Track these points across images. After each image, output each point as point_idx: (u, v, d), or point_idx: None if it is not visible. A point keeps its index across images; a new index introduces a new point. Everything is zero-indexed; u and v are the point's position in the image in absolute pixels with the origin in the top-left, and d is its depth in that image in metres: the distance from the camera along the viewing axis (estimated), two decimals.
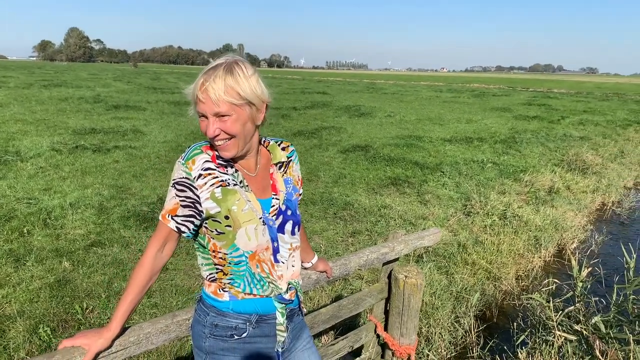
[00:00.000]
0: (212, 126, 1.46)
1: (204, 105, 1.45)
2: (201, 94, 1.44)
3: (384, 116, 18.10)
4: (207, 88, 1.43)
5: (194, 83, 1.48)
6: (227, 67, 1.45)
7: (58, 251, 4.92)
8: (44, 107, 16.80)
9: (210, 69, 1.46)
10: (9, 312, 3.78)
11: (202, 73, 1.47)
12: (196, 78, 1.49)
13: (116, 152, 9.73)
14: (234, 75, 1.44)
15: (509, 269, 5.61)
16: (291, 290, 1.70)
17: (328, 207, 6.77)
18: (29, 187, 6.96)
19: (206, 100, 1.44)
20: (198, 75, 1.48)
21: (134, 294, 1.56)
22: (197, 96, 1.45)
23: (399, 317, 2.66)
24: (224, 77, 1.43)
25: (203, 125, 1.49)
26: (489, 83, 61.12)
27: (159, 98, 22.55)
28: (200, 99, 1.45)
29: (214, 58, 1.58)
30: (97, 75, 47.68)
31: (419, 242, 2.68)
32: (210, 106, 1.44)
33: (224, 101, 1.43)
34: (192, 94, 1.49)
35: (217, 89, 1.42)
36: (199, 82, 1.45)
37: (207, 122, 1.48)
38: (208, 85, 1.43)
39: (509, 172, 9.32)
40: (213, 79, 1.43)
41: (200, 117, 1.50)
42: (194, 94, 1.47)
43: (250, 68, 1.49)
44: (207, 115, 1.46)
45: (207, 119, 1.47)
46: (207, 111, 1.45)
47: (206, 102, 1.44)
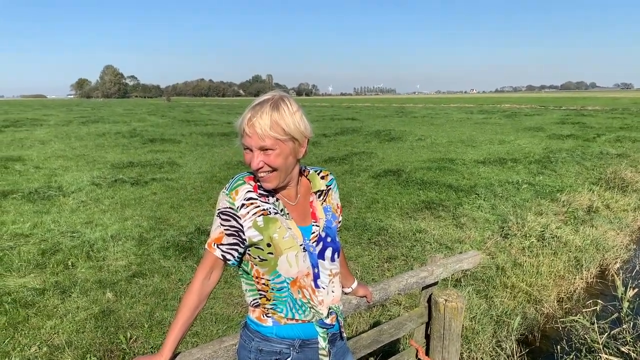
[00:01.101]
0: (256, 159, 1.53)
1: (250, 139, 1.52)
2: (248, 128, 1.51)
3: (415, 140, 18.08)
4: (254, 123, 1.50)
5: (242, 117, 1.55)
6: (273, 103, 1.52)
7: (101, 282, 5.05)
8: (83, 143, 17.40)
9: (257, 104, 1.53)
10: (58, 343, 3.89)
11: (249, 108, 1.54)
12: (240, 111, 1.57)
13: (154, 184, 9.98)
14: (280, 111, 1.51)
15: (550, 291, 5.50)
16: (332, 315, 1.74)
17: (362, 232, 6.78)
18: (72, 221, 7.19)
19: (252, 134, 1.51)
20: (245, 109, 1.56)
21: (183, 321, 1.62)
22: (244, 130, 1.53)
23: (440, 342, 2.65)
24: (270, 113, 1.50)
25: (247, 157, 1.56)
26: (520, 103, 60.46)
27: (193, 130, 23.08)
28: (247, 132, 1.52)
29: (244, 90, 1.66)
30: (132, 110, 49.14)
31: (458, 265, 2.68)
32: (256, 140, 1.51)
33: (269, 136, 1.50)
34: (239, 127, 1.56)
35: (263, 124, 1.49)
36: (247, 116, 1.52)
37: (251, 154, 1.55)
38: (255, 120, 1.50)
39: (545, 193, 9.17)
40: (260, 114, 1.50)
41: (245, 149, 1.57)
42: (241, 127, 1.54)
43: (295, 104, 1.56)
44: (252, 149, 1.53)
45: (251, 151, 1.54)
46: (253, 145, 1.52)
47: (252, 137, 1.51)
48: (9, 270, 5.32)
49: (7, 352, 3.73)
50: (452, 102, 77.63)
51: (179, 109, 55.15)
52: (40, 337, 3.98)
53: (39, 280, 5.08)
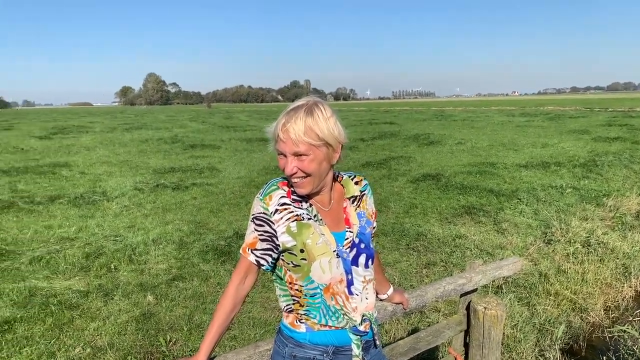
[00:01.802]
0: (290, 165, 1.53)
1: (284, 144, 1.52)
2: (282, 133, 1.51)
3: (455, 143, 17.81)
4: (288, 129, 1.50)
5: (276, 122, 1.55)
6: (307, 109, 1.52)
7: (142, 285, 5.17)
8: (127, 149, 17.89)
9: (292, 110, 1.53)
10: (100, 344, 4.00)
11: (284, 113, 1.54)
12: (277, 117, 1.57)
13: (194, 189, 10.16)
14: (314, 117, 1.51)
15: (596, 299, 5.30)
16: (365, 322, 1.71)
17: (400, 238, 6.71)
18: (115, 225, 7.39)
19: (287, 140, 1.51)
20: (280, 115, 1.56)
21: (219, 325, 1.63)
22: (278, 135, 1.53)
23: (479, 350, 2.59)
24: (305, 118, 1.50)
25: (282, 163, 1.56)
26: (564, 105, 58.84)
27: (232, 136, 23.42)
28: (281, 138, 1.52)
29: (282, 95, 1.66)
30: (174, 117, 50.27)
31: (498, 272, 2.61)
32: (290, 146, 1.51)
33: (303, 142, 1.50)
34: (273, 133, 1.56)
35: (297, 130, 1.49)
36: (281, 122, 1.53)
37: (285, 160, 1.55)
38: (289, 126, 1.50)
39: (591, 197, 8.87)
40: (294, 120, 1.50)
41: (279, 155, 1.57)
42: (275, 132, 1.54)
43: (329, 110, 1.55)
44: (286, 154, 1.54)
45: (285, 157, 1.55)
46: (287, 150, 1.53)
47: (286, 142, 1.51)
48: (55, 272, 5.50)
49: (53, 352, 3.86)
50: (492, 104, 76.23)
51: (218, 115, 56.08)
52: (84, 338, 4.09)
53: (83, 282, 5.24)
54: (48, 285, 5.15)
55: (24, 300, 4.79)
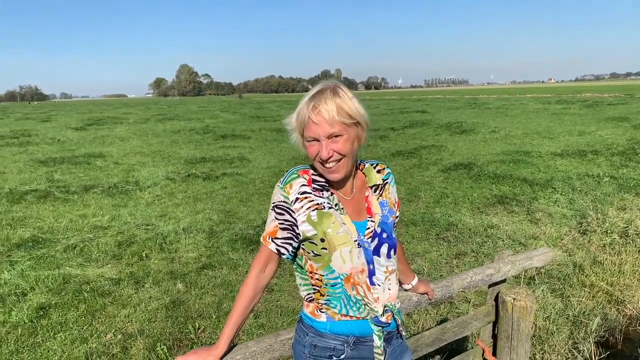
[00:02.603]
0: (326, 148, 1.48)
1: (318, 127, 1.47)
2: (315, 116, 1.46)
3: (488, 132, 17.48)
4: (320, 110, 1.45)
5: (301, 109, 1.50)
6: (332, 90, 1.48)
7: (173, 273, 5.24)
8: (159, 140, 18.17)
9: (316, 94, 1.49)
10: (131, 331, 4.07)
11: (307, 99, 1.50)
12: (297, 106, 1.52)
13: (224, 179, 10.25)
14: (341, 96, 1.47)
15: (634, 291, 5.13)
16: (387, 313, 1.68)
17: (430, 227, 6.63)
18: (147, 214, 7.51)
19: (321, 122, 1.46)
20: (300, 103, 1.51)
21: (239, 313, 1.62)
22: (310, 119, 1.47)
23: (508, 342, 2.52)
24: (333, 99, 1.46)
25: (313, 150, 1.51)
26: (602, 92, 57.10)
27: (262, 126, 23.54)
28: (313, 121, 1.47)
29: (313, 85, 1.61)
30: (206, 107, 50.81)
31: (528, 263, 2.53)
32: (325, 128, 1.46)
33: (337, 122, 1.46)
34: (299, 120, 1.51)
35: (330, 110, 1.45)
36: (310, 105, 1.47)
37: (317, 145, 1.50)
38: (321, 107, 1.45)
39: (630, 186, 8.58)
40: (324, 101, 1.45)
41: (310, 142, 1.51)
42: (304, 119, 1.49)
43: (349, 91, 1.52)
44: (320, 138, 1.48)
45: (317, 142, 1.49)
46: (321, 133, 1.47)
47: (320, 124, 1.46)
48: (88, 260, 5.63)
49: (85, 338, 3.95)
50: (528, 92, 74.50)
51: (249, 105, 56.45)
52: (115, 325, 4.17)
53: (115, 270, 5.34)
54: (81, 272, 5.27)
55: (59, 287, 4.91)
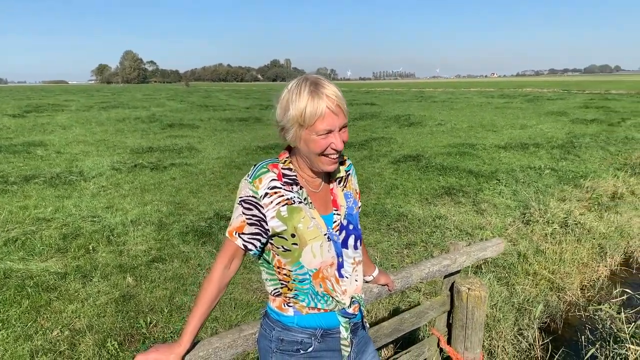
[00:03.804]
0: (339, 139, 1.47)
1: (336, 118, 1.44)
2: (335, 107, 1.42)
3: (435, 125, 17.88)
4: (338, 102, 1.43)
5: (307, 102, 1.42)
6: (326, 78, 1.47)
7: (122, 267, 5.09)
8: (104, 128, 17.56)
9: (319, 85, 1.43)
10: (79, 326, 3.93)
11: (312, 90, 1.42)
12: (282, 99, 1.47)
13: (173, 169, 10.03)
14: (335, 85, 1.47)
15: (573, 278, 5.39)
16: (354, 305, 1.69)
17: (381, 218, 6.73)
18: (93, 206, 7.26)
19: (339, 113, 1.44)
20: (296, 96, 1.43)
21: (203, 310, 1.59)
22: (329, 109, 1.42)
23: (462, 331, 2.61)
24: (336, 88, 1.45)
25: (324, 142, 1.46)
26: (542, 87, 59.43)
27: (211, 116, 23.15)
28: (333, 112, 1.42)
29: (262, 74, 1.58)
30: (152, 95, 49.46)
31: (482, 254, 2.62)
32: (342, 118, 1.45)
33: (346, 111, 1.47)
34: (309, 113, 1.42)
35: (343, 100, 1.45)
36: (323, 95, 1.42)
37: (329, 137, 1.46)
38: (336, 98, 1.43)
39: (569, 178, 9.00)
40: (334, 91, 1.43)
41: (321, 135, 1.45)
42: (318, 111, 1.42)
43: None
44: (335, 129, 1.45)
45: (329, 134, 1.45)
46: (337, 124, 1.45)
47: (339, 115, 1.44)
48: (31, 254, 5.39)
49: (30, 335, 3.78)
50: (472, 86, 76.60)
51: (197, 94, 55.34)
52: (62, 321, 4.02)
53: (61, 264, 5.14)
54: (24, 267, 5.04)
55: None
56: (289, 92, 1.46)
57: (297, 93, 1.43)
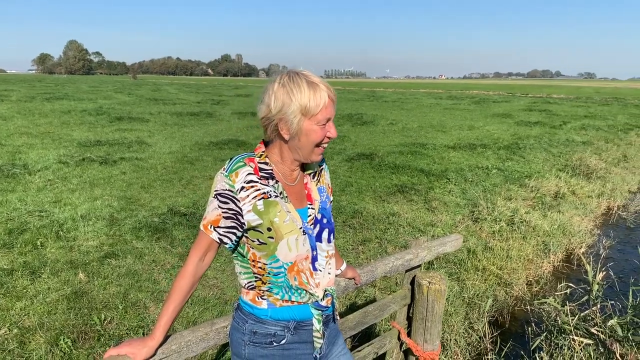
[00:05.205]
0: (334, 127, 1.57)
1: (333, 107, 1.54)
2: (333, 96, 1.53)
3: (387, 124, 18.17)
4: (333, 92, 1.53)
5: (315, 92, 1.48)
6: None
7: (72, 263, 4.94)
8: (48, 120, 16.87)
9: (311, 77, 1.51)
10: (29, 324, 3.80)
11: (309, 82, 1.49)
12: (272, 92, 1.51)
13: (123, 163, 9.77)
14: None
15: (519, 274, 5.64)
16: (327, 297, 1.73)
17: (337, 215, 6.80)
18: (39, 200, 6.99)
19: (335, 102, 1.54)
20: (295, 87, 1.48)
21: (177, 303, 1.58)
22: (331, 99, 1.52)
23: (422, 323, 2.69)
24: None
25: (320, 134, 1.53)
26: (488, 89, 61.35)
27: (161, 109, 22.65)
28: (333, 100, 1.53)
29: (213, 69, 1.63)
30: (98, 87, 47.85)
31: (442, 249, 2.72)
32: (334, 108, 1.55)
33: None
34: (314, 103, 1.48)
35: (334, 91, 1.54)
36: (322, 86, 1.50)
37: (326, 127, 1.55)
38: (332, 93, 1.52)
39: (514, 178, 9.36)
40: (326, 83, 1.51)
41: (320, 125, 1.53)
42: (321, 100, 1.49)
43: None
44: (332, 118, 1.55)
45: (327, 123, 1.54)
46: (333, 114, 1.55)
47: (334, 104, 1.55)
48: None
49: None
50: (421, 87, 78.20)
51: (145, 87, 53.96)
52: (10, 318, 3.87)
53: (7, 260, 4.94)
54: None
55: None
56: (282, 86, 1.49)
57: (296, 85, 1.47)
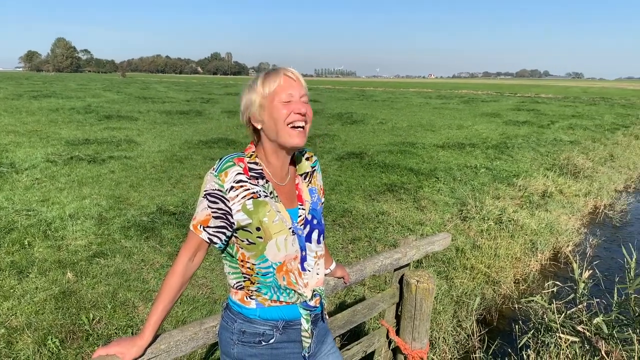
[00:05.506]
0: (301, 106, 1.57)
1: (293, 85, 1.57)
2: (291, 73, 1.57)
3: (376, 123, 18.21)
4: (293, 72, 1.57)
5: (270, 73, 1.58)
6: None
7: (60, 262, 4.91)
8: (35, 118, 16.71)
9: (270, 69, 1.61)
10: (16, 324, 3.78)
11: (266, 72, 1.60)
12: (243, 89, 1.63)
13: (111, 162, 9.72)
14: None
15: (507, 272, 5.69)
16: (316, 297, 1.74)
17: (327, 214, 6.81)
18: (27, 199, 6.94)
19: (297, 81, 1.57)
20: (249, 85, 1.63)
21: (166, 303, 1.59)
22: (286, 76, 1.57)
23: (411, 322, 2.72)
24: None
25: (288, 109, 1.56)
26: (477, 89, 61.67)
27: (150, 108, 22.51)
28: (290, 77, 1.57)
29: (202, 67, 1.70)
30: (86, 85, 47.44)
31: (430, 247, 2.74)
32: (300, 87, 1.58)
33: (304, 87, 1.60)
34: (268, 85, 1.56)
35: (299, 74, 1.58)
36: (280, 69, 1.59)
37: (291, 104, 1.56)
38: (291, 70, 1.58)
39: (503, 177, 9.43)
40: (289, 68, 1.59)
41: (282, 102, 1.56)
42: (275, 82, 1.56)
43: None
44: (294, 97, 1.56)
45: (291, 102, 1.56)
46: (296, 92, 1.57)
47: (297, 82, 1.58)
48: None
49: None
50: (410, 86, 78.40)
51: (134, 85, 53.58)
52: None
53: None
54: None
55: None
56: (246, 88, 1.63)
57: (254, 81, 1.61)
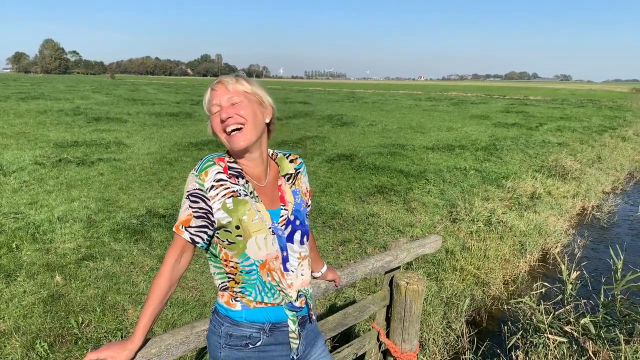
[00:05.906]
0: (225, 110, 1.58)
1: (218, 94, 1.60)
2: (215, 84, 1.61)
3: (366, 125, 18.25)
4: (220, 80, 1.61)
5: (204, 98, 1.67)
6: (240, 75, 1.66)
7: (49, 266, 4.88)
8: (23, 120, 16.57)
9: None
10: (4, 328, 3.74)
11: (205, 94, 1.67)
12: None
13: (100, 164, 9.66)
14: (240, 76, 1.64)
15: (496, 274, 5.73)
16: (301, 298, 1.75)
17: (317, 216, 6.82)
18: (14, 202, 6.88)
19: (220, 88, 1.60)
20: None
21: (155, 305, 1.60)
22: (211, 89, 1.63)
23: (400, 324, 2.73)
24: (234, 76, 1.64)
25: (218, 118, 1.60)
26: (466, 91, 61.96)
27: (140, 110, 22.41)
28: (214, 89, 1.61)
29: (192, 68, 1.75)
30: (75, 87, 47.13)
31: (421, 250, 2.75)
32: (225, 94, 1.59)
33: (236, 90, 1.60)
34: (206, 99, 1.65)
35: (229, 80, 1.60)
36: (212, 82, 1.65)
37: (219, 113, 1.60)
38: (221, 79, 1.63)
39: (492, 179, 9.49)
40: (224, 77, 1.63)
41: (214, 114, 1.61)
42: (208, 95, 1.63)
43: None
44: (222, 104, 1.59)
45: (219, 111, 1.60)
46: (222, 100, 1.59)
47: (220, 90, 1.60)
48: None
49: None
50: (400, 88, 78.70)
51: (124, 87, 53.31)
52: None
53: None
54: None
55: None
56: None
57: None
